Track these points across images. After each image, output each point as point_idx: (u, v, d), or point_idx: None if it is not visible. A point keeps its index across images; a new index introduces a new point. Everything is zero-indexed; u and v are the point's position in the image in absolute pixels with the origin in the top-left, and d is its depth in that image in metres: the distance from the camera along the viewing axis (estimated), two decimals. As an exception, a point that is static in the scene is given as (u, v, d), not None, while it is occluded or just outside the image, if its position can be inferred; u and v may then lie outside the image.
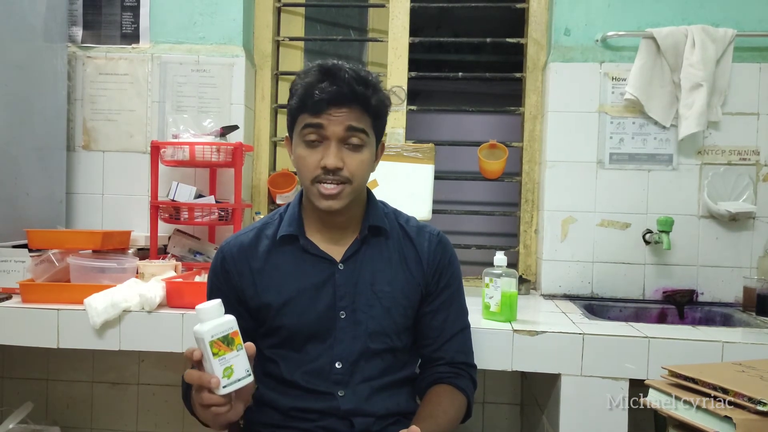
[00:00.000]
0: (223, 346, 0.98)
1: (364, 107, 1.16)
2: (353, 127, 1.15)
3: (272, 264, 1.25)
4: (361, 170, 1.19)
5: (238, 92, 2.15)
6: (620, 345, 1.45)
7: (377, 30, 2.40)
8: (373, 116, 1.18)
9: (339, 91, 1.13)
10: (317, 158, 1.16)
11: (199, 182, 2.12)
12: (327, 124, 1.14)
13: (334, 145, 1.15)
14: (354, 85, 1.13)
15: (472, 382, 1.31)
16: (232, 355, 0.99)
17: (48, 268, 1.68)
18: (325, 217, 1.24)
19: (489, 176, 2.20)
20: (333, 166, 1.15)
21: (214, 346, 0.98)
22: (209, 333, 0.98)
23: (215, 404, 0.99)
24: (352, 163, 1.17)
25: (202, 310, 0.99)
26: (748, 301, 1.89)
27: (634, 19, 2.02)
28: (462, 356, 1.31)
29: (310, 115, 1.15)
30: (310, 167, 1.17)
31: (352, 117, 1.15)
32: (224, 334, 0.99)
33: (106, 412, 2.15)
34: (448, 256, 1.31)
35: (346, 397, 1.21)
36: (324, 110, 1.14)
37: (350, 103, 1.14)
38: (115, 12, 2.18)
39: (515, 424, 2.10)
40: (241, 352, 1.00)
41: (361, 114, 1.16)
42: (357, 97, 1.14)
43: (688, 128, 1.93)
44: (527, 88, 2.23)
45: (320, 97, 1.12)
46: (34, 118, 1.97)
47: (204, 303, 1.01)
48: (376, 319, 1.23)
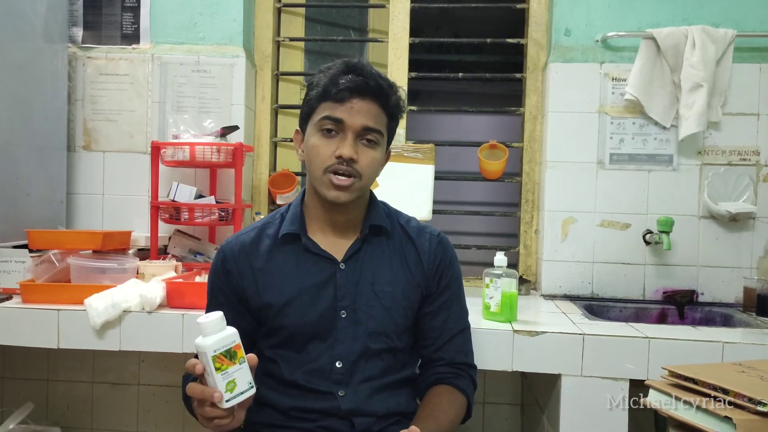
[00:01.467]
0: (226, 360, 0.98)
1: (384, 104, 1.19)
2: (370, 127, 1.18)
3: (273, 263, 1.24)
4: (372, 168, 1.20)
5: (239, 92, 2.15)
6: (620, 345, 1.45)
7: (377, 30, 2.40)
8: (389, 116, 1.22)
9: (365, 82, 1.16)
10: (332, 148, 1.17)
11: (199, 182, 2.12)
12: (347, 117, 1.16)
13: (351, 136, 1.17)
14: (378, 79, 1.18)
15: (473, 383, 1.31)
16: (234, 369, 0.99)
17: (48, 268, 1.68)
18: (328, 215, 1.25)
19: (489, 176, 2.20)
20: (348, 155, 1.16)
21: (216, 361, 0.97)
22: (212, 348, 0.97)
23: (218, 417, 1.01)
24: (365, 159, 1.18)
25: (205, 324, 0.99)
26: (748, 301, 1.89)
27: (635, 19, 2.02)
28: (462, 356, 1.31)
29: (332, 104, 1.17)
30: (324, 156, 1.18)
31: (372, 113, 1.17)
32: (227, 348, 0.98)
33: (107, 412, 2.15)
34: (448, 256, 1.31)
35: (347, 397, 1.21)
36: (347, 99, 1.16)
37: (372, 97, 1.17)
38: (115, 12, 2.18)
39: (515, 424, 2.10)
40: (244, 365, 1.00)
41: (379, 112, 1.19)
42: (381, 90, 1.17)
43: (688, 129, 1.93)
44: (527, 89, 2.23)
45: (345, 86, 1.15)
46: (34, 119, 1.97)
47: (206, 316, 1.01)
48: (377, 319, 1.23)
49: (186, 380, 1.21)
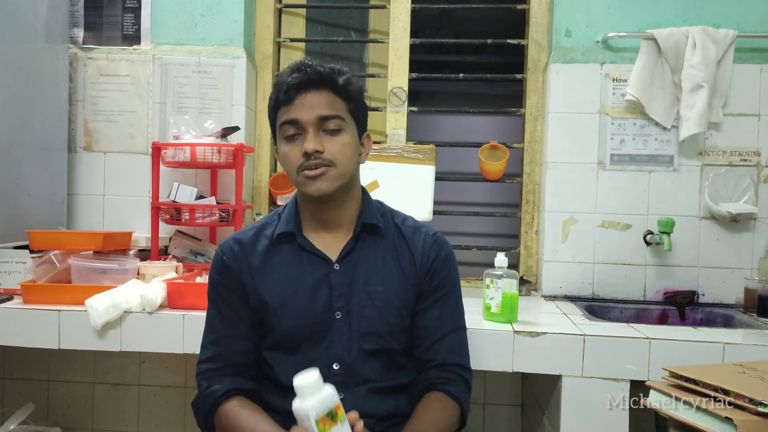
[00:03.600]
0: (329, 421, 0.93)
1: (333, 89, 1.19)
2: (325, 116, 1.18)
3: (270, 263, 1.25)
4: (343, 153, 1.19)
5: (239, 93, 2.15)
6: (621, 346, 1.44)
7: (378, 31, 2.40)
8: (346, 98, 1.21)
9: (306, 76, 1.18)
10: (298, 150, 1.19)
11: (200, 183, 2.12)
12: (300, 113, 1.17)
13: (311, 131, 1.18)
14: (319, 69, 1.19)
15: (467, 386, 1.27)
16: (337, 429, 0.94)
17: (49, 269, 1.68)
18: (319, 213, 1.25)
19: (490, 177, 2.20)
20: (312, 149, 1.17)
21: (320, 423, 0.92)
22: (314, 410, 0.92)
23: None
24: (333, 146, 1.19)
25: (303, 385, 0.92)
26: (749, 302, 1.88)
27: (635, 20, 2.02)
28: (454, 357, 1.27)
29: (285, 108, 1.19)
30: (293, 159, 1.19)
31: (322, 101, 1.18)
32: (329, 410, 0.93)
33: (107, 413, 2.15)
34: (443, 255, 1.29)
35: (346, 399, 1.20)
36: (295, 97, 1.18)
37: (317, 86, 1.18)
38: (116, 13, 2.18)
39: (516, 425, 2.10)
40: (345, 423, 0.95)
41: (331, 98, 1.19)
42: (323, 78, 1.18)
43: (689, 129, 1.93)
44: (528, 89, 2.23)
45: (289, 85, 1.17)
46: (35, 119, 1.97)
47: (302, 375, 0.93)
48: (368, 319, 1.22)
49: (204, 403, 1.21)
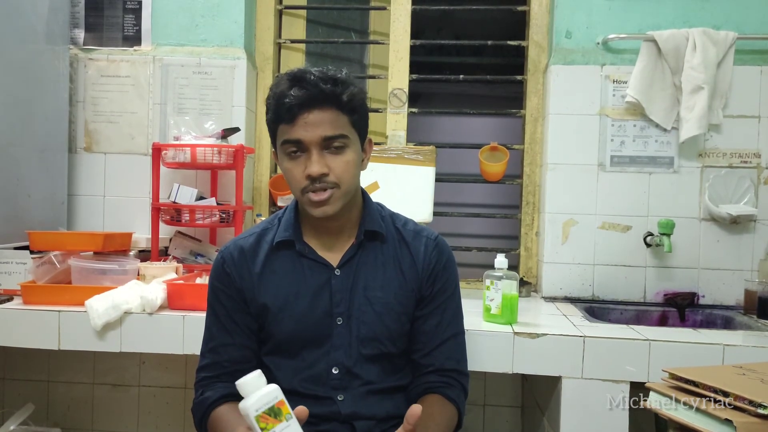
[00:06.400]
0: (271, 419, 0.93)
1: (337, 105, 1.15)
2: (330, 136, 1.14)
3: (271, 269, 1.24)
4: (348, 172, 1.17)
5: (240, 94, 2.15)
6: (621, 348, 1.45)
7: (378, 32, 2.40)
8: (349, 112, 1.17)
9: (308, 95, 1.12)
10: (301, 169, 1.16)
11: (200, 184, 2.12)
12: (303, 134, 1.14)
13: (315, 152, 1.14)
14: (321, 84, 1.12)
15: (464, 392, 1.27)
16: (282, 427, 0.94)
17: (49, 269, 1.68)
18: (320, 223, 1.24)
19: (490, 179, 2.20)
20: (317, 173, 1.14)
21: (261, 421, 0.93)
22: (253, 407, 0.93)
23: None
24: (338, 166, 1.16)
25: (242, 384, 0.94)
26: (749, 303, 1.88)
27: (635, 21, 2.03)
28: (452, 363, 1.27)
29: (286, 126, 1.15)
30: (297, 179, 1.17)
31: (326, 120, 1.14)
32: (269, 406, 0.94)
33: (107, 413, 2.15)
34: (444, 260, 1.28)
35: (346, 401, 1.21)
36: (298, 116, 1.13)
37: (322, 104, 1.13)
38: (116, 14, 2.18)
39: (516, 426, 2.10)
40: (292, 421, 0.95)
41: (335, 115, 1.15)
42: (327, 96, 1.13)
43: (689, 131, 1.93)
44: (528, 91, 2.23)
45: (292, 103, 1.12)
46: (35, 120, 1.97)
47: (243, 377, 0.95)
48: (368, 324, 1.22)
49: (198, 409, 1.21)
